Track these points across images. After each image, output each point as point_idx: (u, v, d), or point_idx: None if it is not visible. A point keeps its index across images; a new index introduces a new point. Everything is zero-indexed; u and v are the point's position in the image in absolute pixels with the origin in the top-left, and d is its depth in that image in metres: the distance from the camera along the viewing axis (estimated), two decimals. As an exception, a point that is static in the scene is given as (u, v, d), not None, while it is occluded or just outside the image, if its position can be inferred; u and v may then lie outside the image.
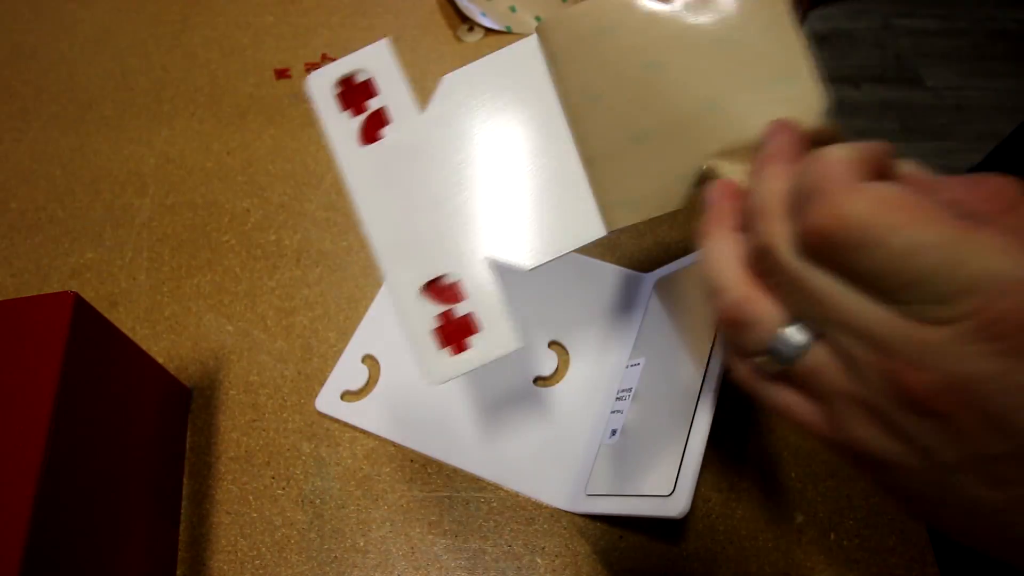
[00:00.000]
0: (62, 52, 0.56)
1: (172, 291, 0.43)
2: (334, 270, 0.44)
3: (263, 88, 0.53)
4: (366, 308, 0.42)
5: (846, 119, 1.56)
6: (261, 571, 0.34)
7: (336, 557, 0.34)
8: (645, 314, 0.40)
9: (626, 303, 0.41)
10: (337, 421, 0.38)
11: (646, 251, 0.44)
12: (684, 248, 0.44)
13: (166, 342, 0.41)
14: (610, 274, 0.43)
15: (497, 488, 0.36)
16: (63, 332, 0.28)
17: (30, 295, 0.29)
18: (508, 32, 0.56)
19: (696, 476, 0.28)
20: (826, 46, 1.71)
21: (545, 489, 0.36)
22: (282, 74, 0.54)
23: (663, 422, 0.32)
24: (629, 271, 0.43)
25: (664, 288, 0.40)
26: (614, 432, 0.35)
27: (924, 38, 1.72)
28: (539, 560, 0.34)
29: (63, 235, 0.46)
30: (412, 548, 0.35)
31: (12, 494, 0.24)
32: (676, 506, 0.27)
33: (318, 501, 0.36)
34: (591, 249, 0.42)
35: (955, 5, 1.78)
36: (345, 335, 0.41)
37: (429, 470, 0.37)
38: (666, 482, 0.28)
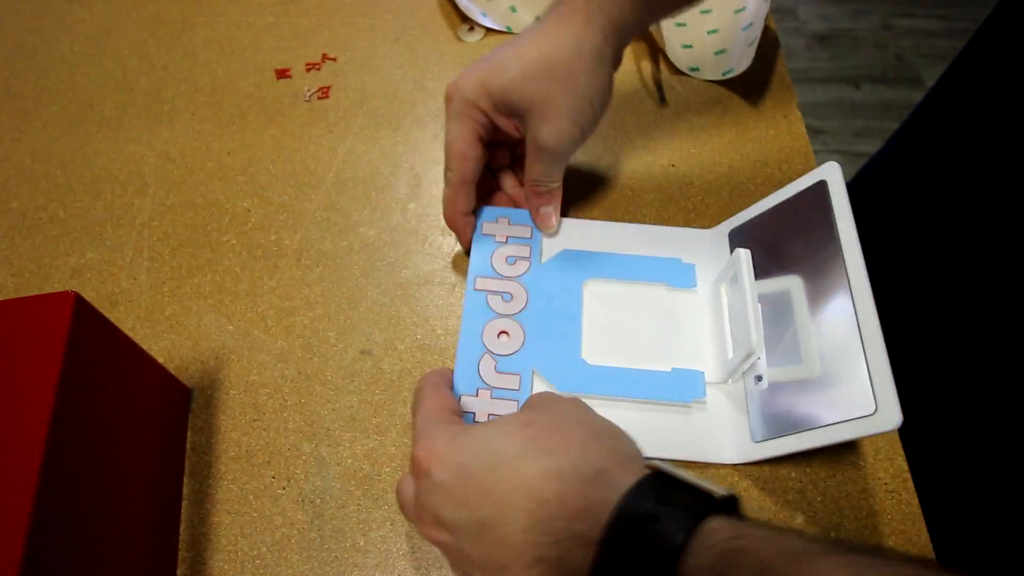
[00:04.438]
0: (63, 52, 0.56)
1: (172, 291, 0.43)
2: (334, 270, 0.44)
3: (264, 88, 0.53)
4: (366, 308, 0.42)
5: (846, 119, 1.56)
6: (261, 571, 0.34)
7: (336, 557, 0.34)
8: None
9: (711, 258, 0.43)
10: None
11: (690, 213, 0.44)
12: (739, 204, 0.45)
13: (166, 342, 0.41)
14: (683, 237, 0.44)
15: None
16: (64, 332, 0.28)
17: (31, 295, 0.29)
18: (508, 32, 0.56)
19: (893, 384, 0.29)
20: (826, 46, 1.71)
21: (710, 450, 0.37)
22: (283, 74, 0.54)
23: (819, 349, 0.33)
24: (699, 230, 0.44)
25: (739, 236, 0.42)
26: (759, 378, 0.36)
27: (924, 38, 1.72)
28: (539, 560, 0.34)
29: (64, 235, 0.46)
30: (412, 548, 0.35)
31: (12, 493, 0.24)
32: (890, 419, 0.29)
33: (318, 501, 0.36)
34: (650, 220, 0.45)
35: (955, 5, 1.78)
36: (345, 334, 0.41)
37: (429, 470, 0.37)
38: (861, 402, 0.30)
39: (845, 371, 0.31)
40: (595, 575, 0.23)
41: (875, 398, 0.29)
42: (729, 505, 0.24)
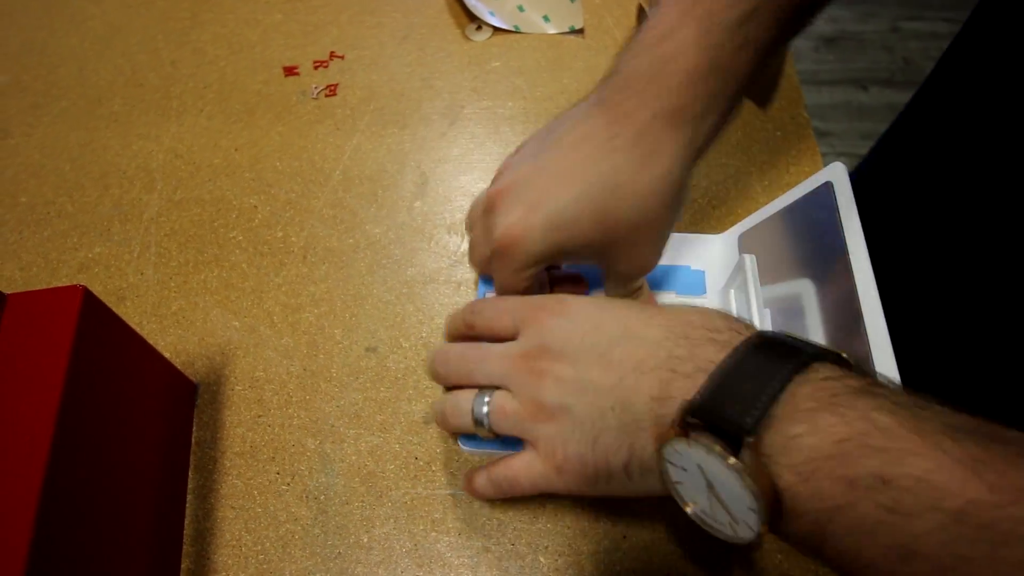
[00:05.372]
0: (72, 48, 0.56)
1: (179, 286, 0.43)
2: (340, 267, 0.44)
3: (271, 85, 0.53)
4: (372, 305, 0.42)
5: (854, 122, 1.56)
6: (265, 566, 0.34)
7: (340, 553, 0.35)
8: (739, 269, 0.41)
9: (721, 264, 0.43)
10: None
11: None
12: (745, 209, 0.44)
13: (173, 337, 0.41)
14: (692, 243, 0.44)
15: (501, 486, 0.36)
16: (72, 325, 0.28)
17: (40, 288, 0.29)
18: (516, 31, 0.56)
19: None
20: (834, 48, 1.70)
21: None
22: (290, 71, 0.54)
23: None
24: (709, 235, 0.44)
25: (748, 241, 0.41)
26: None
27: (932, 41, 1.71)
28: (542, 559, 0.34)
29: (72, 229, 0.46)
30: (415, 545, 0.35)
31: (19, 485, 0.24)
32: None
33: (322, 497, 0.36)
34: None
35: (963, 8, 1.77)
36: (351, 332, 0.41)
37: (433, 468, 0.37)
38: None
39: None
40: (727, 361, 0.24)
41: None
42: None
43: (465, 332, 0.34)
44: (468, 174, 0.48)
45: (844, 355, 0.25)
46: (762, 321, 0.36)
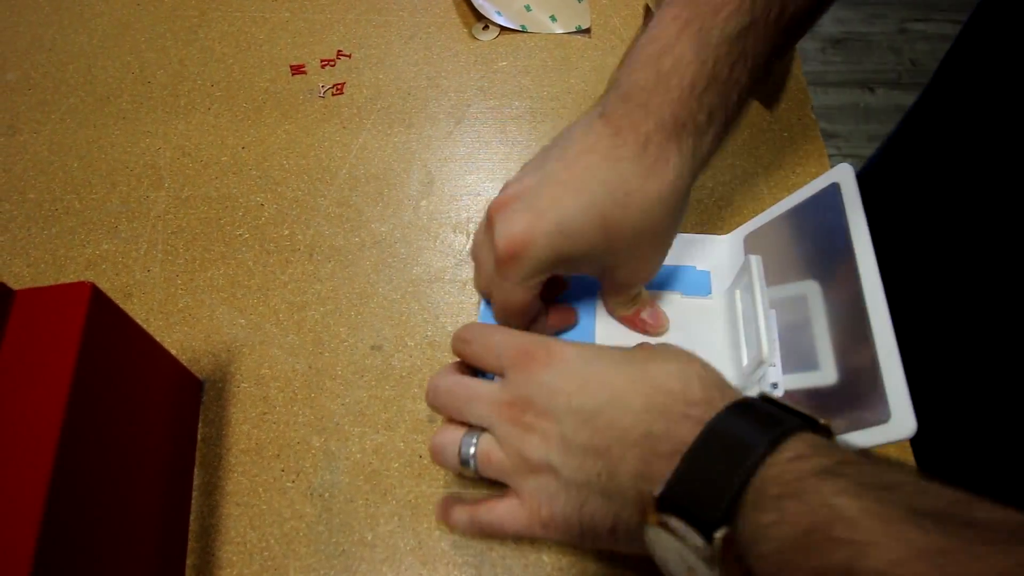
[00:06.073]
0: (81, 45, 0.56)
1: (186, 284, 0.44)
2: (346, 266, 0.44)
3: (278, 83, 0.54)
4: (377, 304, 0.42)
5: (860, 124, 1.55)
6: (269, 562, 0.34)
7: (344, 550, 0.35)
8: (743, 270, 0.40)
9: (726, 264, 0.43)
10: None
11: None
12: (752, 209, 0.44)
13: (179, 334, 0.42)
14: (698, 243, 0.44)
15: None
16: (80, 322, 0.28)
17: (47, 285, 0.29)
18: (523, 31, 0.56)
19: (907, 392, 0.29)
20: (841, 50, 1.70)
21: None
22: (297, 70, 0.54)
23: (830, 356, 0.33)
24: (714, 236, 0.44)
25: (754, 241, 0.41)
26: (775, 385, 0.36)
27: (940, 43, 1.70)
28: (545, 558, 0.34)
29: (79, 226, 0.46)
30: (420, 543, 0.35)
31: (27, 480, 0.24)
32: (905, 428, 0.28)
33: (327, 495, 0.36)
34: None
35: (971, 10, 1.76)
36: (356, 330, 0.41)
37: (437, 466, 0.37)
38: (875, 410, 0.29)
39: (859, 379, 0.31)
40: (696, 446, 0.24)
41: (889, 406, 0.29)
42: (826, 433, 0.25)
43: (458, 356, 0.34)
44: (474, 173, 0.49)
45: (821, 421, 0.24)
46: (767, 323, 0.36)
